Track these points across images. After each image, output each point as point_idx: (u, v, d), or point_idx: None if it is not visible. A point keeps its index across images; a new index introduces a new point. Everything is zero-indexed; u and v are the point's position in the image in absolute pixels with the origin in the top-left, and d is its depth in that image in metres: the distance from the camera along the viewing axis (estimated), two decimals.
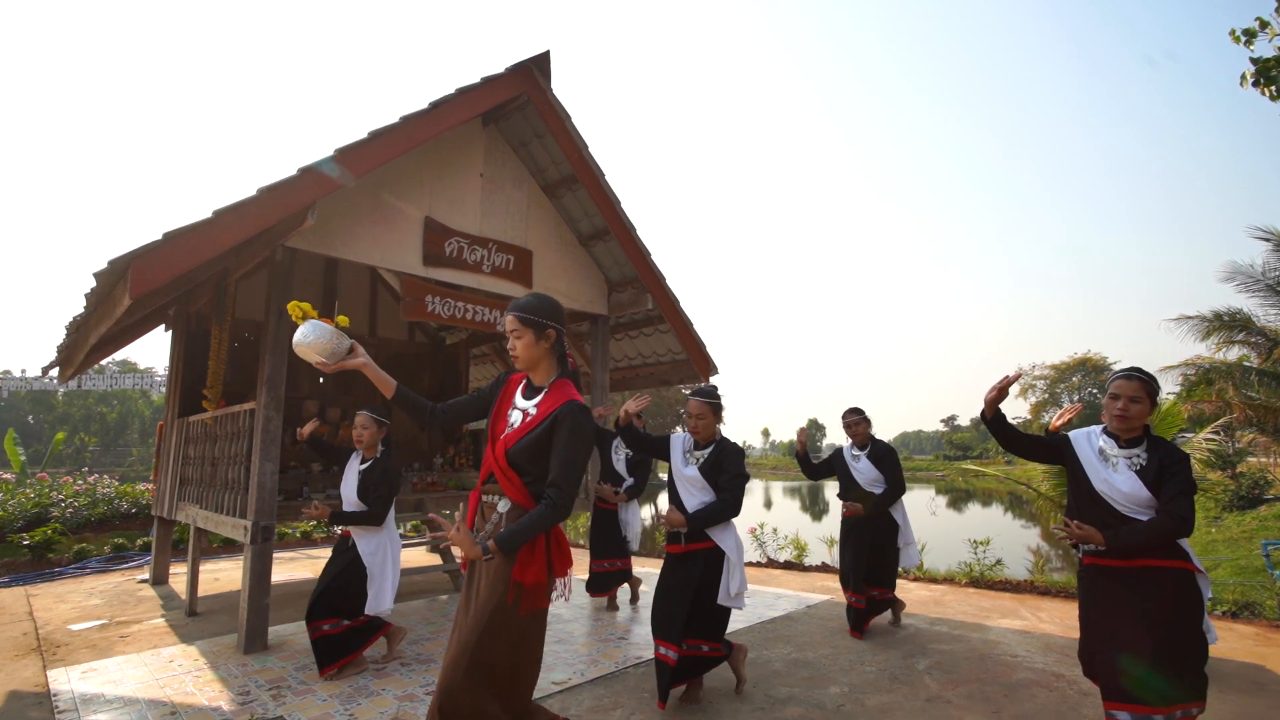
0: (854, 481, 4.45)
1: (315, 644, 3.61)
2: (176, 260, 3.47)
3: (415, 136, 4.61)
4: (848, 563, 4.46)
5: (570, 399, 2.12)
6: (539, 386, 2.21)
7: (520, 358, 2.20)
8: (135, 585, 6.42)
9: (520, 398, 2.22)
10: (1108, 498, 2.43)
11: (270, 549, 4.24)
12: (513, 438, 2.13)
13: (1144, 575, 2.37)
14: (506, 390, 2.27)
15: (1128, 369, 2.57)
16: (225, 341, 5.43)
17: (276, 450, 4.32)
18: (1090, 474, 2.49)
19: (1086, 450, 2.55)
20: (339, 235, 4.68)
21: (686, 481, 3.24)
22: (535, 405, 2.15)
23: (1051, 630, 4.46)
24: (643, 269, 6.17)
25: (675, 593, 3.14)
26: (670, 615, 3.10)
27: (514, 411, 2.19)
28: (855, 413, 4.60)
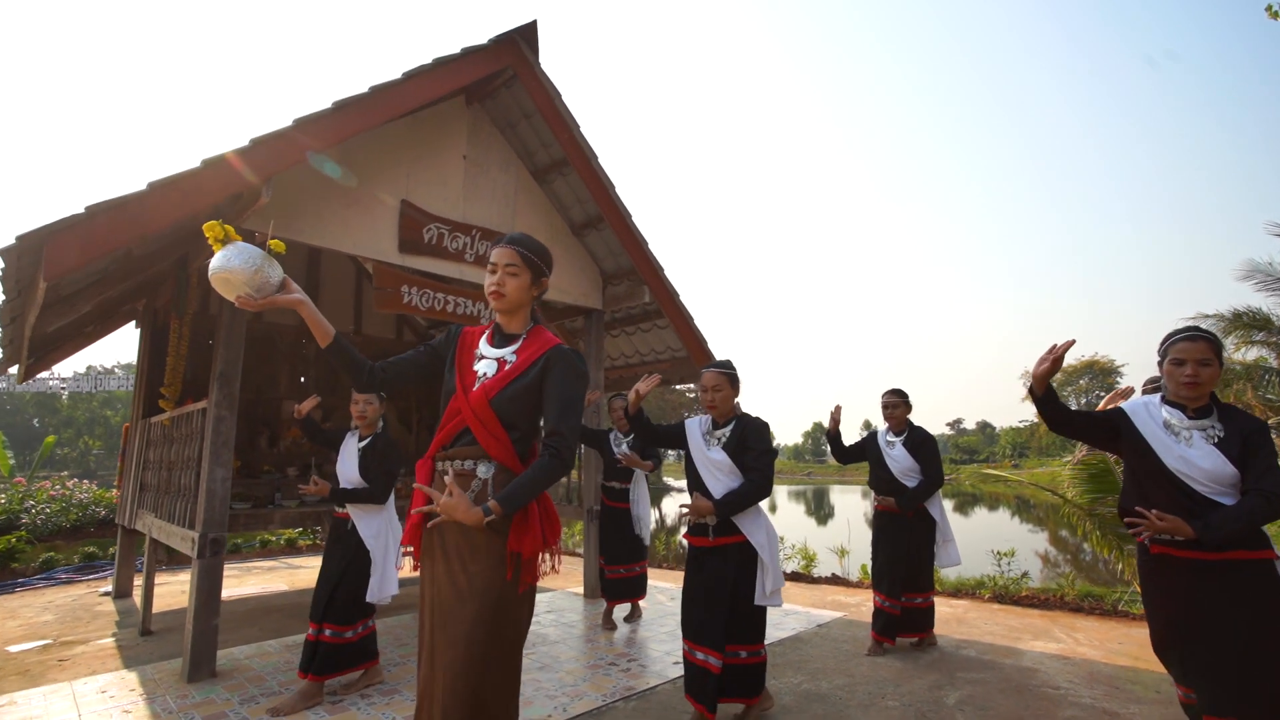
0: (886, 469, 4.07)
1: (313, 646, 3.30)
2: (100, 238, 3.05)
3: (386, 110, 4.19)
4: (881, 564, 4.09)
5: (558, 343, 1.89)
6: (512, 334, 1.91)
7: (508, 297, 1.86)
8: (97, 598, 6.01)
9: (487, 346, 1.90)
10: (1185, 477, 2.05)
11: (220, 564, 3.81)
12: (494, 385, 1.80)
13: (1228, 569, 2.01)
14: (464, 343, 1.93)
15: (1189, 329, 2.18)
16: (186, 336, 5.01)
17: (229, 454, 3.89)
18: (1160, 451, 2.10)
19: (1150, 424, 2.17)
20: (304, 217, 4.26)
21: (713, 466, 2.88)
22: (514, 352, 1.88)
23: (1092, 655, 4.00)
24: (639, 259, 5.74)
25: (710, 592, 2.81)
26: (708, 617, 2.77)
27: (483, 362, 1.87)
28: (895, 394, 4.19)
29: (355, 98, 4.02)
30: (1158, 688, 3.40)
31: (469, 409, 1.79)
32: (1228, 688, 1.94)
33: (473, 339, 1.94)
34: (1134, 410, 2.23)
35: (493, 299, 1.89)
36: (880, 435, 4.21)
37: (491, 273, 1.90)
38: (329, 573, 3.40)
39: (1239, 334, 13.93)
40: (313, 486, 3.36)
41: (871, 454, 4.19)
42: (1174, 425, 2.15)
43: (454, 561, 1.73)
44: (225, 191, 3.49)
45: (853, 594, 6.06)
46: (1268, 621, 1.95)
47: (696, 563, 2.90)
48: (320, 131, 3.85)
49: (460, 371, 1.87)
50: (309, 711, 3.19)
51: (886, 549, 4.06)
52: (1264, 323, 13.51)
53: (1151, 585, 2.18)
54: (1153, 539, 2.11)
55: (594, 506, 5.69)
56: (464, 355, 1.90)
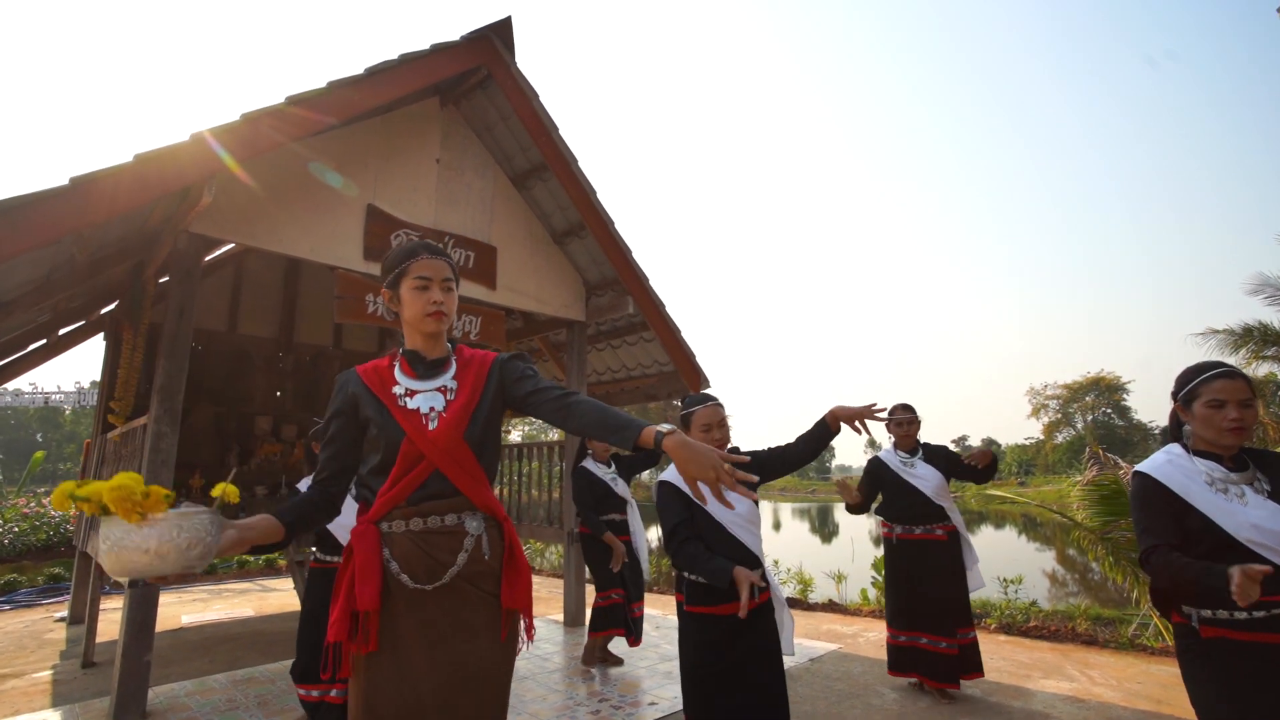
0: (913, 494, 3.61)
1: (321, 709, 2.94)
2: (15, 236, 2.79)
3: (346, 107, 3.94)
4: (915, 600, 3.58)
5: (494, 353, 1.67)
6: (438, 360, 1.62)
7: (448, 317, 1.60)
8: (51, 624, 5.70)
9: (410, 380, 1.58)
10: (1259, 546, 1.66)
11: (155, 594, 3.50)
12: (458, 418, 1.52)
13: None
14: (369, 386, 1.57)
15: (1222, 366, 1.84)
16: (140, 347, 4.75)
17: (169, 473, 3.60)
18: (1223, 520, 1.71)
19: (1194, 487, 1.78)
20: (259, 221, 4.01)
21: (741, 521, 2.36)
22: (453, 379, 1.60)
23: (1109, 697, 3.65)
24: (622, 268, 5.47)
25: (749, 669, 2.27)
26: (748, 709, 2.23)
27: (417, 398, 1.55)
28: (908, 409, 3.78)
29: (311, 93, 3.77)
30: None
31: (438, 450, 1.48)
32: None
33: (380, 377, 1.60)
34: (1166, 476, 1.83)
35: (434, 320, 1.57)
36: (890, 460, 3.75)
37: (422, 289, 1.58)
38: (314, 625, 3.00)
39: (1249, 349, 13.63)
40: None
41: (888, 484, 3.73)
42: (1222, 482, 1.79)
43: (438, 647, 1.44)
44: (161, 189, 3.21)
45: (850, 623, 5.71)
46: None
47: (729, 636, 2.27)
48: (272, 127, 3.59)
49: (393, 418, 1.53)
50: None
51: (937, 585, 3.56)
52: (1276, 337, 13.19)
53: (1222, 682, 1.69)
54: (1204, 619, 1.72)
55: (573, 529, 5.37)
56: (383, 399, 1.55)
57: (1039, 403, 58.75)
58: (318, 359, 7.66)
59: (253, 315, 7.23)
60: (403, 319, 1.64)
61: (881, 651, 4.66)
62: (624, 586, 4.21)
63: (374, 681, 1.42)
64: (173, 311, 3.75)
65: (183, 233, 3.76)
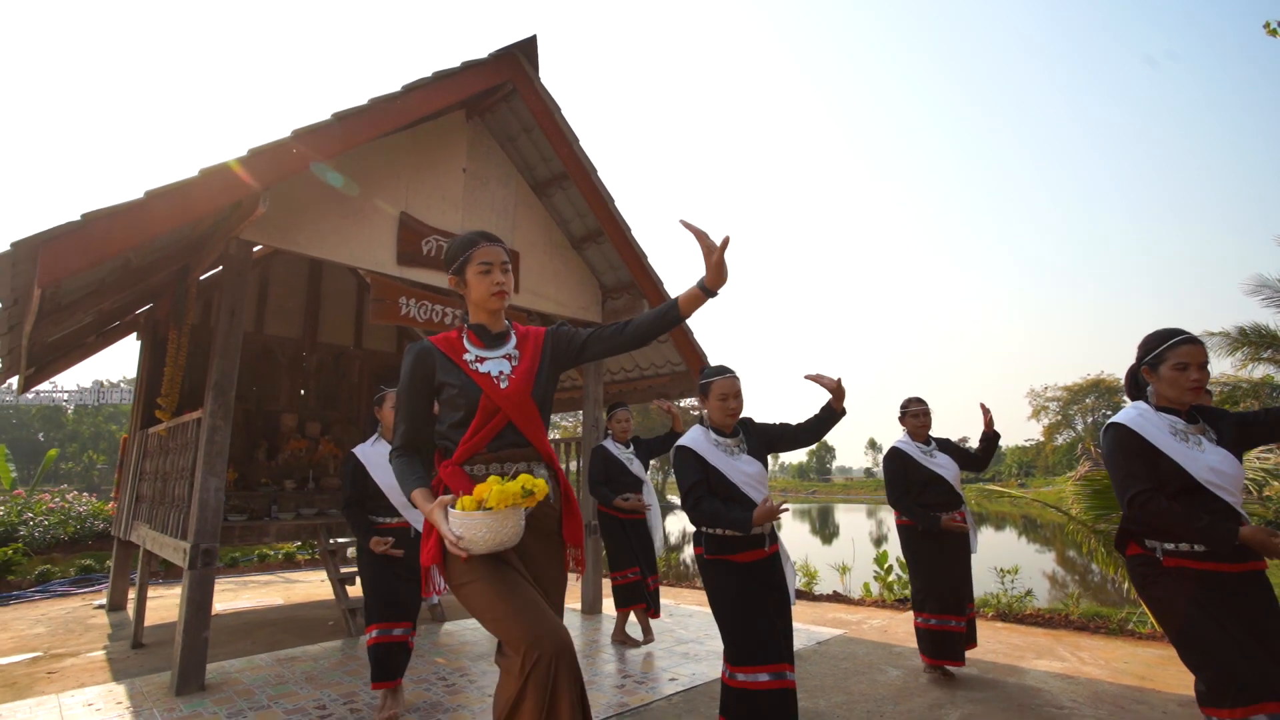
0: (940, 481, 3.78)
1: (380, 650, 3.18)
2: (96, 246, 3.06)
3: (385, 122, 4.22)
4: (949, 581, 3.74)
5: (541, 328, 1.99)
6: (500, 333, 1.92)
7: (509, 294, 1.91)
8: (90, 611, 5.96)
9: (477, 349, 1.87)
10: (1217, 488, 1.99)
11: (212, 575, 3.77)
12: (524, 379, 1.83)
13: (1260, 580, 1.98)
14: (445, 354, 1.85)
15: (1185, 333, 2.15)
16: (184, 347, 5.02)
17: (223, 465, 3.87)
18: (1187, 464, 2.02)
19: (1164, 438, 2.08)
20: (303, 229, 4.28)
21: (749, 479, 2.66)
22: (515, 349, 1.90)
23: (1097, 674, 3.91)
24: (639, 273, 5.74)
25: (778, 604, 2.62)
26: (779, 629, 2.57)
27: (486, 363, 1.84)
28: (922, 402, 4.00)
29: (354, 109, 4.05)
30: (1165, 708, 3.32)
31: (511, 405, 1.77)
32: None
33: (452, 347, 1.87)
34: (1142, 427, 2.11)
35: (498, 299, 1.87)
36: (911, 452, 3.86)
37: (486, 273, 1.87)
38: (413, 573, 3.30)
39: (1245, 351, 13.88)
40: (384, 546, 3.21)
41: (916, 475, 3.82)
42: (1182, 432, 2.10)
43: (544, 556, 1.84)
44: (223, 200, 3.50)
45: (854, 611, 5.97)
46: None
47: (747, 579, 2.61)
48: (319, 142, 3.87)
49: (470, 380, 1.80)
50: None
51: (950, 564, 3.76)
52: (1271, 339, 13.45)
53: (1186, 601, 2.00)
54: (1166, 551, 2.04)
55: (590, 521, 5.64)
56: (458, 366, 1.83)
57: (1039, 405, 58.98)
58: (339, 358, 7.92)
59: (278, 316, 7.49)
60: (469, 299, 1.93)
61: (885, 636, 4.93)
62: (637, 563, 4.49)
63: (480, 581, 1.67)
64: (225, 312, 4.02)
65: (234, 239, 4.03)
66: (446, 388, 1.82)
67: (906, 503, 3.78)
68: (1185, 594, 2.01)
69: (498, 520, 1.55)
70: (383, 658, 3.18)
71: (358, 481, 3.31)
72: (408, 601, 3.28)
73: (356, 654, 4.41)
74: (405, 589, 3.29)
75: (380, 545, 3.18)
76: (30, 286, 3.24)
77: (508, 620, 1.60)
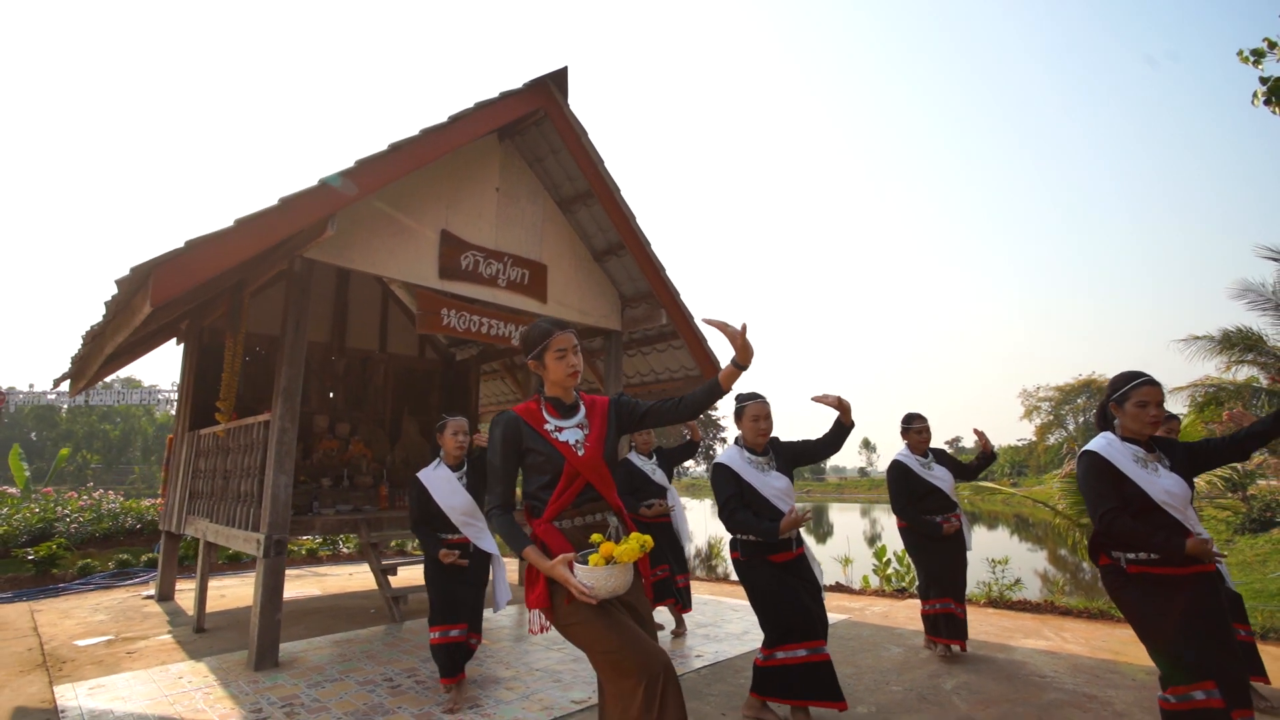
0: (938, 492, 4.23)
1: (444, 650, 3.46)
2: (197, 268, 3.46)
3: (434, 150, 4.63)
4: (945, 572, 4.20)
5: (605, 398, 2.31)
6: (571, 405, 2.25)
7: (580, 374, 2.25)
8: (141, 601, 6.33)
9: (555, 420, 2.20)
10: (1170, 508, 2.40)
11: (283, 563, 4.17)
12: (596, 446, 2.16)
13: (1207, 580, 2.37)
14: (531, 425, 2.17)
15: (1144, 375, 2.56)
16: (239, 354, 5.41)
17: (291, 463, 4.27)
18: (1147, 487, 2.44)
19: (1128, 465, 2.50)
20: (356, 247, 4.68)
21: (780, 493, 3.08)
22: (585, 419, 2.22)
23: (1078, 651, 4.36)
24: (657, 285, 6.16)
25: (803, 590, 3.04)
26: (814, 611, 3.01)
27: (564, 433, 2.17)
28: (923, 419, 4.42)
29: (408, 139, 4.46)
30: (1133, 677, 3.76)
31: (589, 469, 2.11)
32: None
33: (534, 417, 2.18)
34: (1110, 455, 2.51)
35: (572, 378, 2.21)
36: (911, 465, 4.27)
37: (561, 357, 2.19)
38: (476, 580, 3.62)
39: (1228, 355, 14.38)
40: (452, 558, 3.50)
41: (917, 486, 4.25)
42: (1143, 460, 2.49)
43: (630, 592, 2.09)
44: (299, 224, 3.90)
45: (856, 600, 6.41)
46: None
47: (782, 572, 3.03)
48: (379, 170, 4.28)
49: (552, 448, 2.11)
50: (371, 694, 3.54)
51: (950, 558, 4.20)
52: (1255, 342, 13.95)
53: (1145, 599, 2.42)
54: (1129, 560, 2.45)
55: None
56: (540, 434, 2.14)
57: (1031, 405, 59.68)
58: (366, 362, 8.31)
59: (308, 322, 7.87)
60: (546, 378, 2.25)
61: (886, 620, 5.37)
62: (666, 561, 4.89)
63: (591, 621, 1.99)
64: (291, 324, 4.42)
65: (298, 257, 4.43)
66: (532, 454, 2.14)
67: (910, 512, 4.22)
68: (1145, 595, 2.43)
69: (622, 572, 1.94)
70: (444, 656, 3.49)
71: (422, 503, 3.61)
72: (467, 605, 3.57)
73: (406, 636, 4.82)
74: (465, 593, 3.58)
75: (449, 556, 3.49)
76: (131, 304, 3.64)
77: (619, 651, 1.95)
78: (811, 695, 2.95)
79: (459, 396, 8.86)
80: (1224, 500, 16.13)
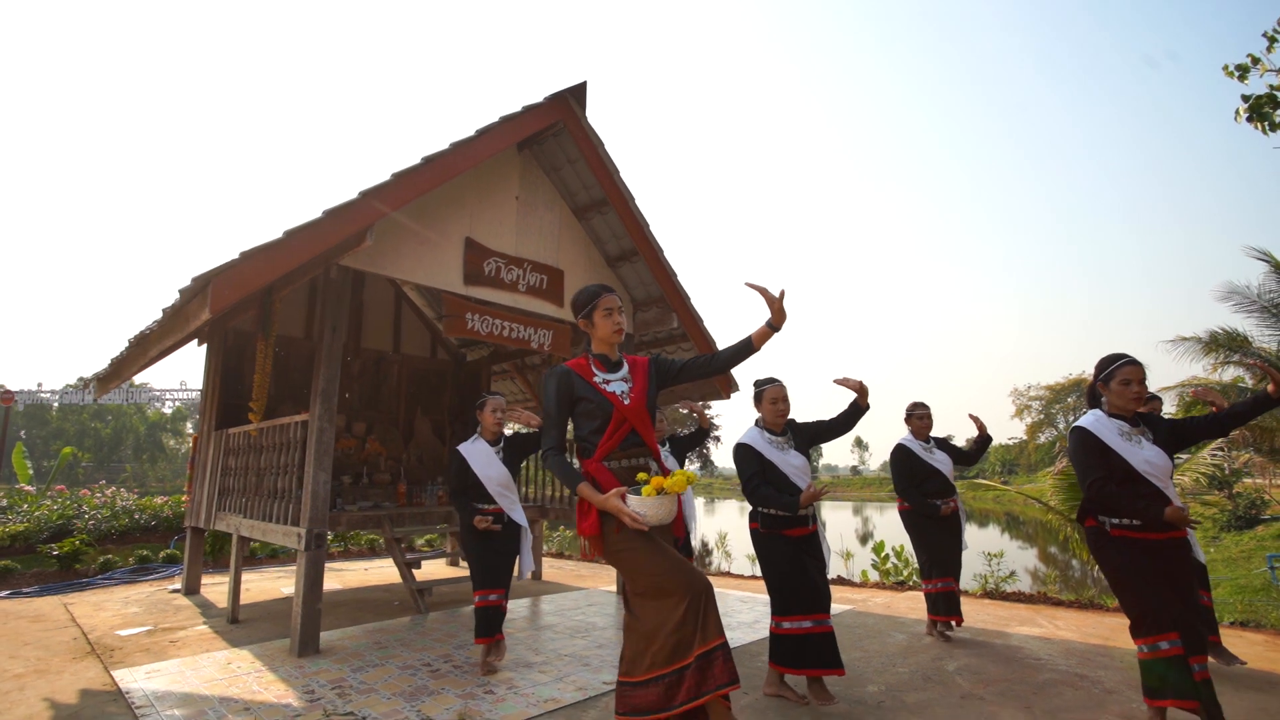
0: (938, 475, 4.52)
1: (485, 612, 3.81)
2: (250, 278, 3.69)
3: (464, 162, 4.86)
4: (944, 553, 4.48)
5: (644, 357, 2.60)
6: (615, 361, 2.55)
7: (624, 331, 2.54)
8: (168, 595, 6.53)
9: (603, 373, 2.49)
10: (1151, 477, 2.67)
11: (323, 556, 4.40)
12: (640, 397, 2.44)
13: (1178, 545, 2.67)
14: (578, 378, 2.47)
15: (1126, 355, 2.85)
16: (270, 356, 5.62)
17: (330, 461, 4.50)
18: (1129, 458, 2.71)
19: (1114, 438, 2.77)
20: (387, 255, 4.90)
21: (798, 471, 3.39)
22: (629, 374, 2.51)
23: (1071, 637, 4.65)
24: (669, 290, 6.41)
25: (812, 565, 3.31)
26: (821, 587, 3.29)
27: (611, 384, 2.47)
28: (925, 407, 4.72)
29: (439, 153, 4.69)
30: (1122, 659, 4.05)
31: (634, 415, 2.41)
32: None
33: (584, 370, 2.48)
34: (1098, 429, 2.81)
35: (617, 334, 2.52)
36: (915, 449, 4.57)
37: (608, 315, 2.52)
38: (508, 549, 3.95)
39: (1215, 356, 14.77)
40: (487, 523, 3.83)
41: (919, 469, 4.55)
42: (1127, 433, 2.79)
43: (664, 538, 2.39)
44: (343, 235, 4.13)
45: (859, 592, 6.69)
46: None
47: (794, 549, 3.32)
48: (413, 182, 4.51)
49: (600, 397, 2.41)
50: (412, 676, 3.78)
51: (949, 540, 4.50)
52: (1241, 343, 14.35)
53: (1124, 558, 2.72)
54: (1114, 524, 2.75)
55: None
56: (590, 386, 2.44)
57: (1022, 404, 60.28)
58: (380, 362, 8.52)
59: None
60: (595, 336, 2.57)
61: (889, 610, 5.64)
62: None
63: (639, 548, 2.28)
64: (328, 329, 4.65)
65: (334, 265, 4.65)
66: (584, 402, 2.46)
67: (913, 493, 4.51)
68: (1123, 555, 2.74)
69: (670, 502, 2.25)
70: (483, 618, 3.83)
71: (461, 474, 3.95)
72: (502, 571, 3.94)
73: (434, 626, 5.05)
74: (500, 561, 3.94)
75: (483, 522, 3.82)
76: (187, 311, 3.86)
77: (665, 574, 2.22)
78: (817, 664, 3.26)
79: (471, 396, 9.08)
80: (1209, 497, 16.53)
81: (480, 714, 3.22)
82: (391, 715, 3.20)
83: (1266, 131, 5.44)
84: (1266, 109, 5.43)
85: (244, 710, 3.28)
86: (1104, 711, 3.22)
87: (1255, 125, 5.44)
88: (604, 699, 3.44)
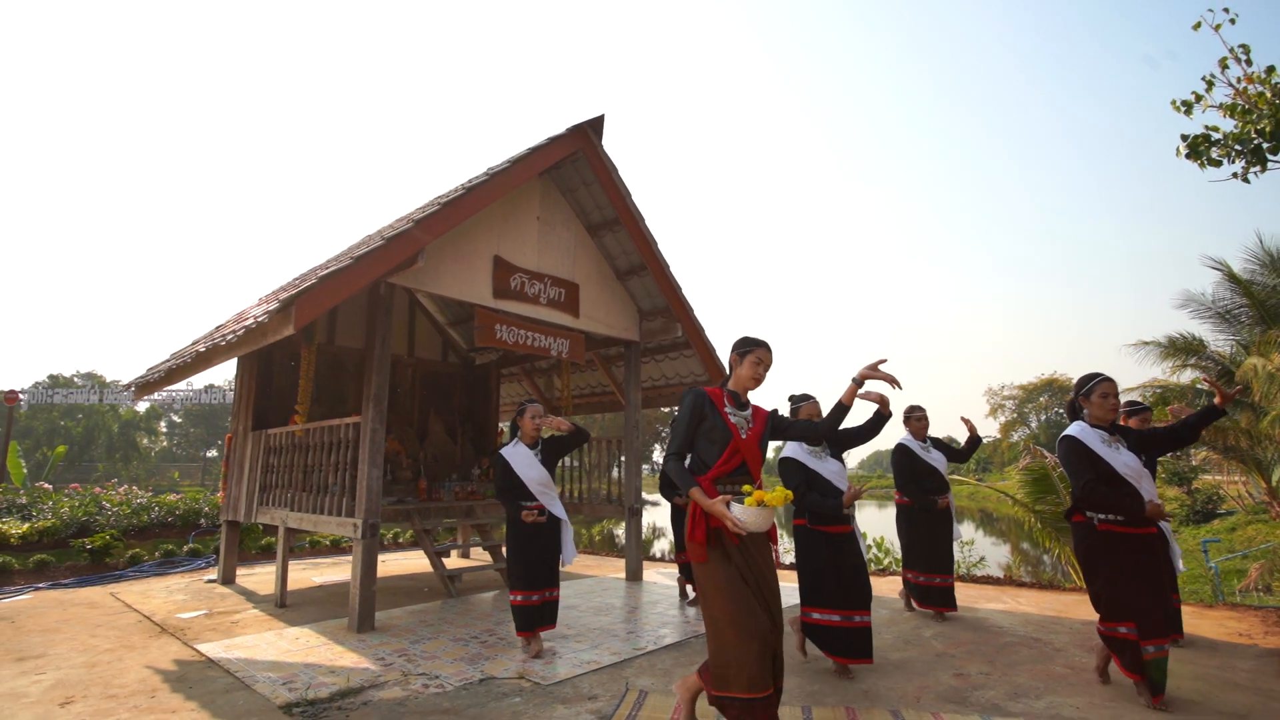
0: (934, 473, 5.03)
1: (522, 610, 4.11)
2: (325, 298, 4.22)
3: (499, 189, 5.43)
4: (937, 546, 5.00)
5: (765, 409, 2.98)
6: (744, 403, 2.87)
7: (762, 382, 2.92)
8: (205, 585, 6.97)
9: (732, 408, 2.81)
10: (1129, 478, 3.18)
11: (376, 544, 4.93)
12: (756, 435, 2.82)
13: (1155, 539, 3.21)
14: (710, 403, 2.79)
15: (1102, 374, 3.37)
16: (313, 362, 6.11)
17: (381, 458, 5.02)
18: (1111, 461, 3.22)
19: (1098, 445, 3.27)
20: (428, 272, 5.42)
21: (837, 475, 3.83)
22: (752, 415, 2.86)
23: (1029, 610, 5.34)
24: (674, 302, 7.01)
25: (846, 564, 3.72)
26: (853, 585, 3.71)
27: (736, 417, 2.78)
28: (922, 409, 5.23)
29: (479, 181, 5.25)
30: (1072, 627, 4.74)
31: (748, 449, 2.73)
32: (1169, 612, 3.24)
33: (719, 398, 2.79)
34: (1084, 437, 3.25)
35: (754, 383, 2.88)
36: (913, 448, 5.04)
37: (755, 364, 2.85)
38: (550, 546, 4.30)
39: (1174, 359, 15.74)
40: (533, 516, 4.17)
41: (919, 467, 5.02)
42: (1107, 441, 3.28)
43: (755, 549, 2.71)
44: (398, 259, 4.66)
45: None
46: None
47: (835, 546, 3.75)
48: (460, 209, 5.06)
49: (726, 425, 2.72)
50: (468, 647, 4.33)
51: (941, 532, 5.03)
52: (1197, 348, 15.31)
53: (1108, 552, 3.13)
54: (1100, 519, 3.23)
55: (634, 505, 6.91)
56: (721, 411, 2.75)
57: (996, 403, 61.87)
58: (395, 366, 9.00)
59: (346, 330, 8.55)
60: (736, 374, 2.88)
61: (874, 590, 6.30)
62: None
63: (722, 558, 2.64)
64: (377, 339, 5.17)
65: (383, 283, 5.18)
66: (710, 426, 2.76)
67: (912, 488, 5.09)
68: (1106, 549, 3.24)
69: (768, 514, 2.53)
70: (522, 615, 4.20)
71: (505, 475, 4.34)
72: (546, 568, 4.27)
73: (471, 606, 5.60)
74: (540, 560, 4.27)
75: (530, 515, 4.30)
76: (266, 328, 4.37)
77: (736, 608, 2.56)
78: (846, 654, 3.70)
79: (480, 398, 9.61)
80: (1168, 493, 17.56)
81: (536, 673, 3.79)
82: (460, 674, 3.77)
83: (1204, 166, 6.15)
84: (1202, 148, 6.15)
85: (330, 672, 3.81)
86: (1053, 664, 3.89)
87: (1195, 162, 6.15)
88: (637, 660, 4.03)
